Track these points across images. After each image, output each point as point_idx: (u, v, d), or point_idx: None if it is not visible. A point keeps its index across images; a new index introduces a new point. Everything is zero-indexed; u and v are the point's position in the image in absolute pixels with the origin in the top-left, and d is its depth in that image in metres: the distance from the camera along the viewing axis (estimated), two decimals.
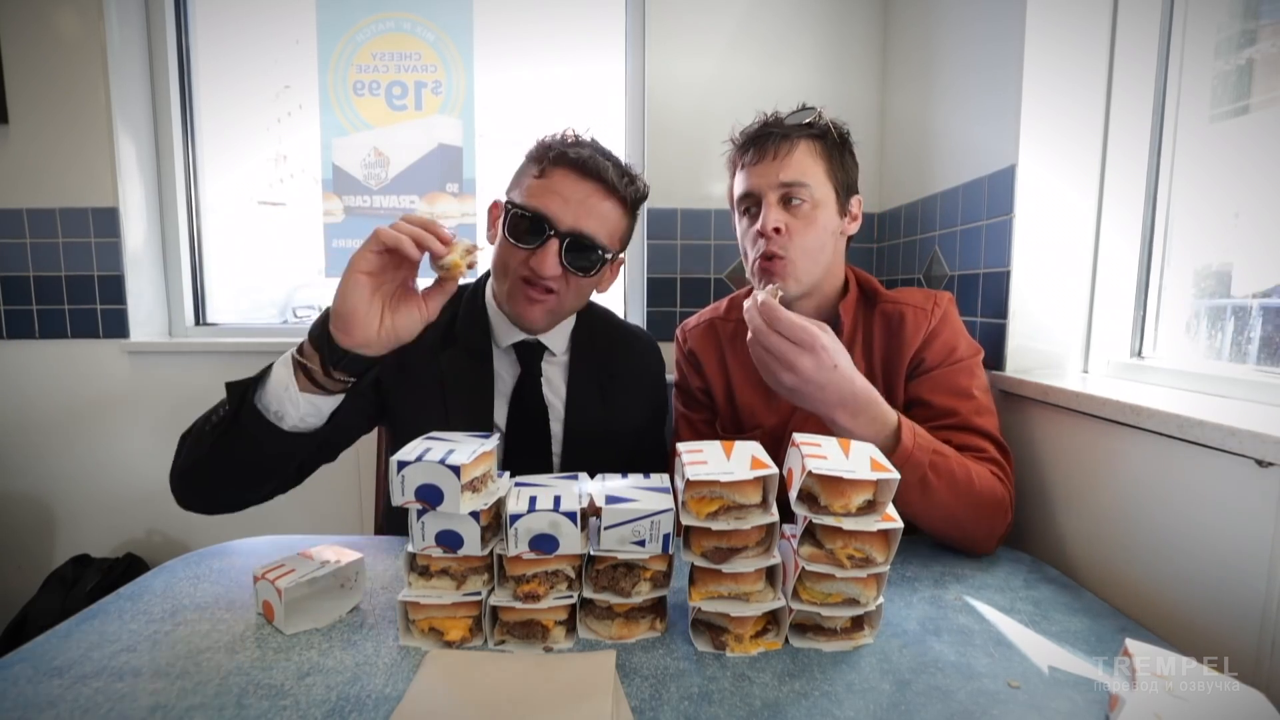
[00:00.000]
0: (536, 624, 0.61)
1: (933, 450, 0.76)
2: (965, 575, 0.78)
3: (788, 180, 0.90)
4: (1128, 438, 0.80)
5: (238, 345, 1.70)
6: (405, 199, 1.82)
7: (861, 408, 0.74)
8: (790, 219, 0.91)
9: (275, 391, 0.70)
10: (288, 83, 1.82)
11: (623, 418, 1.03)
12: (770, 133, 0.92)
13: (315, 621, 0.64)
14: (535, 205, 0.87)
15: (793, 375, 0.71)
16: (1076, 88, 1.02)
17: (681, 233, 1.68)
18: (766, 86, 1.62)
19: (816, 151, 0.92)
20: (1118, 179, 1.03)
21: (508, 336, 0.98)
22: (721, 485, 0.59)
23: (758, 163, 0.93)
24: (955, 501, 0.77)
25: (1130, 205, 1.03)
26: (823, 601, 0.61)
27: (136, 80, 1.70)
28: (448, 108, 1.80)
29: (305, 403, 0.71)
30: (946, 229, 1.29)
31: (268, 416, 0.71)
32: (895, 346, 0.95)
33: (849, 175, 0.96)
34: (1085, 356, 1.07)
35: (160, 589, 0.72)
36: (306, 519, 1.69)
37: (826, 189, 0.93)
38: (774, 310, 0.72)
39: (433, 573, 0.62)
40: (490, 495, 0.61)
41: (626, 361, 1.07)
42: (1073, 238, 1.05)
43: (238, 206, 1.86)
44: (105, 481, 1.73)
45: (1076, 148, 1.03)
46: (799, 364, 0.71)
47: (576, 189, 0.88)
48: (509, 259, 0.90)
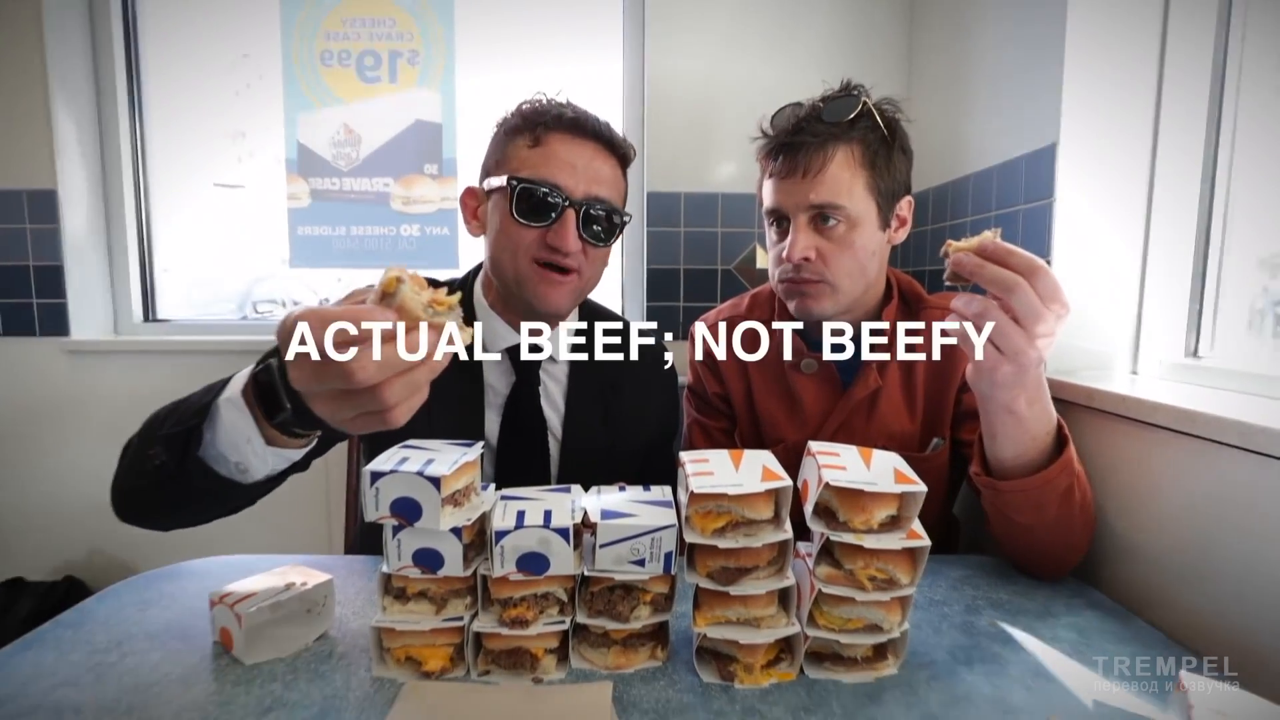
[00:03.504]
0: (525, 652, 0.61)
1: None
2: (1000, 599, 0.79)
3: (819, 202, 0.88)
4: (1182, 447, 0.80)
5: (192, 344, 1.71)
6: (378, 181, 1.83)
7: (1039, 394, 0.73)
8: (822, 242, 0.90)
9: (232, 442, 0.61)
10: (246, 51, 1.82)
11: (628, 437, 1.02)
12: (803, 142, 0.88)
13: (279, 651, 0.65)
14: (543, 176, 0.86)
15: (1027, 339, 0.65)
16: (1125, 55, 1.03)
17: (685, 219, 1.69)
18: (781, 56, 1.63)
19: (856, 160, 0.89)
20: (1172, 157, 1.03)
21: (501, 340, 0.96)
22: (729, 498, 0.59)
23: (786, 176, 0.90)
24: (1080, 515, 0.79)
25: (1186, 187, 1.03)
26: (841, 628, 0.61)
27: (76, 47, 1.71)
28: (426, 80, 1.81)
29: (275, 456, 0.63)
30: (979, 214, 1.29)
31: (224, 470, 0.63)
32: (945, 357, 0.96)
33: (896, 179, 0.92)
34: (1134, 356, 1.08)
35: (104, 616, 0.72)
36: (269, 537, 1.69)
37: (866, 204, 0.90)
38: (1019, 258, 0.64)
39: (410, 596, 0.62)
40: (474, 510, 0.62)
41: (634, 373, 1.03)
42: (1120, 223, 1.06)
43: (191, 189, 1.87)
44: (41, 497, 1.73)
45: (1125, 123, 1.04)
46: (1047, 326, 0.64)
47: (580, 153, 0.88)
48: (518, 242, 0.88)
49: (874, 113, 0.91)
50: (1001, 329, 0.65)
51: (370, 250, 1.85)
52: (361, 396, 0.50)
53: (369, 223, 1.83)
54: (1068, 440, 0.76)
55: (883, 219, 0.93)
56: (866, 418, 0.99)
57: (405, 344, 0.49)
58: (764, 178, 0.97)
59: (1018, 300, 0.64)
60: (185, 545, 1.03)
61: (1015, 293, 0.64)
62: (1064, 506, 0.77)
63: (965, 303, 0.67)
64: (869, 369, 0.97)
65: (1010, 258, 0.64)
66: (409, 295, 0.49)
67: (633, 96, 1.75)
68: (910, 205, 0.97)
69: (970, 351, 0.68)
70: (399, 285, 0.48)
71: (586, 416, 0.99)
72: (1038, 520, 0.78)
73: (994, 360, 0.67)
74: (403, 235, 1.85)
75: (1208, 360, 1.01)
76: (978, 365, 0.69)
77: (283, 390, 0.56)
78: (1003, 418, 0.73)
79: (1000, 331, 0.65)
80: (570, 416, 0.99)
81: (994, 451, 0.77)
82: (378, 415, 0.52)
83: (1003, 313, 0.65)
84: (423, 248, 1.86)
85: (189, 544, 1.01)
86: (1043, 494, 0.75)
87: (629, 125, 1.76)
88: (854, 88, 0.93)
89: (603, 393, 1.01)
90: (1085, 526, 0.82)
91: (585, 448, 0.99)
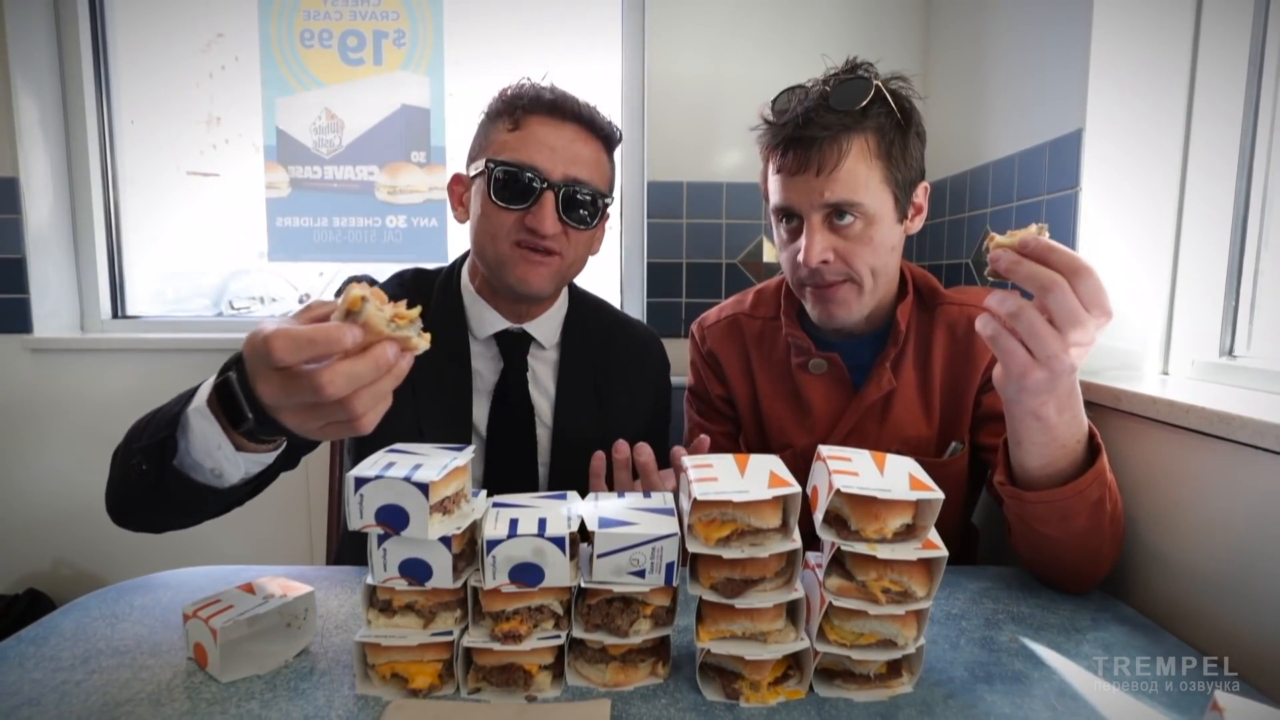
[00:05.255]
0: (518, 669, 0.62)
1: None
2: (1022, 613, 0.79)
3: (835, 201, 0.88)
4: (1217, 452, 0.81)
5: (163, 342, 1.71)
6: (362, 169, 1.83)
7: (1070, 400, 0.72)
8: (839, 241, 0.90)
9: (205, 450, 0.65)
10: (220, 30, 1.83)
11: (619, 424, 1.05)
12: (814, 135, 0.87)
13: (257, 667, 0.65)
14: (521, 159, 0.90)
15: (1062, 344, 0.63)
16: (1156, 34, 1.03)
17: (688, 210, 1.69)
18: (790, 34, 1.63)
19: (871, 151, 0.88)
20: (1206, 143, 1.03)
21: (488, 326, 1.00)
22: (734, 506, 0.60)
23: (798, 173, 0.89)
24: (1110, 526, 0.79)
25: (1221, 174, 1.03)
26: (853, 643, 0.62)
27: (38, 24, 1.71)
28: (413, 62, 1.81)
29: (247, 460, 0.67)
30: (1000, 205, 1.30)
31: (200, 476, 0.67)
32: (964, 356, 0.96)
33: (912, 166, 0.92)
34: (1165, 355, 1.08)
35: (70, 631, 0.72)
36: (246, 546, 1.69)
37: (883, 197, 0.90)
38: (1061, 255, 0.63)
39: (396, 609, 0.62)
40: (464, 518, 0.62)
41: (624, 358, 1.09)
42: (1151, 214, 1.06)
43: (163, 178, 1.87)
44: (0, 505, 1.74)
45: (1156, 107, 1.04)
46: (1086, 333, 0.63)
47: (559, 134, 0.92)
48: (498, 226, 0.92)
49: (887, 96, 0.89)
50: (1035, 331, 0.63)
51: (354, 243, 1.85)
52: (330, 408, 0.55)
53: (352, 214, 1.84)
54: (1100, 449, 0.76)
55: (900, 210, 0.93)
56: (880, 421, 0.99)
57: (372, 357, 0.54)
58: (768, 170, 0.96)
59: (1054, 301, 0.62)
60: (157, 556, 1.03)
61: (1052, 293, 0.62)
62: (1094, 518, 0.77)
63: (999, 301, 0.66)
64: (882, 369, 0.97)
65: (1051, 255, 0.63)
66: (373, 313, 0.54)
67: (632, 79, 1.75)
68: (926, 191, 0.97)
69: (1000, 356, 0.67)
70: (364, 304, 0.53)
71: (578, 403, 1.03)
72: (1065, 532, 0.78)
73: (1025, 365, 0.65)
74: (388, 227, 1.85)
75: (1244, 360, 1.01)
76: (1007, 369, 0.67)
77: (244, 401, 0.60)
78: (1030, 424, 0.72)
79: (1033, 334, 0.63)
80: (561, 403, 1.03)
81: (1019, 459, 0.77)
82: (346, 424, 0.56)
83: (1038, 314, 0.64)
84: (409, 240, 1.86)
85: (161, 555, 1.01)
86: (1071, 505, 0.75)
87: (628, 110, 1.76)
88: (861, 66, 0.91)
89: (594, 379, 1.05)
90: (1115, 538, 0.82)
91: (577, 435, 1.02)
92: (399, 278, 1.08)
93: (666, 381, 1.17)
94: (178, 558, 0.99)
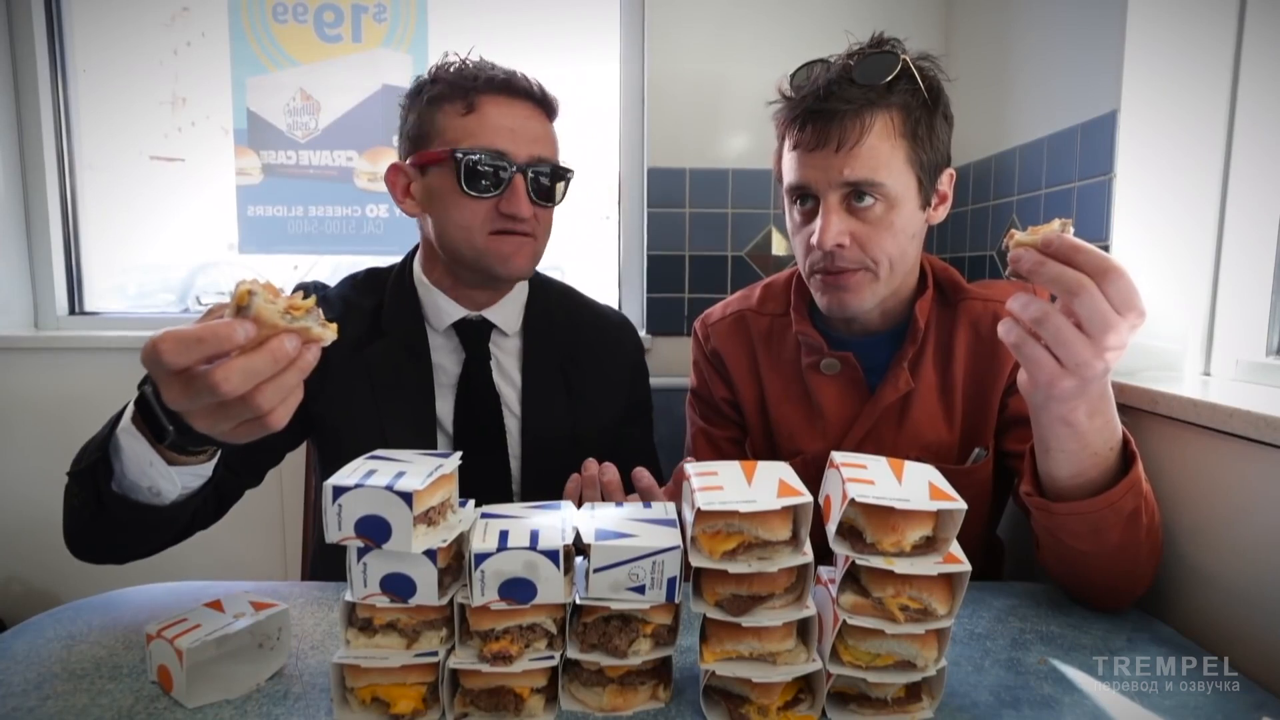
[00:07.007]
0: (508, 692, 0.62)
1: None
2: (1052, 633, 0.79)
3: (854, 179, 0.87)
4: (1263, 459, 0.81)
5: (125, 340, 1.71)
6: (340, 155, 1.83)
7: (1102, 404, 0.72)
8: (857, 225, 0.90)
9: (139, 468, 0.71)
10: (186, 4, 1.83)
11: (592, 412, 1.08)
12: (835, 109, 0.86)
13: (226, 691, 0.65)
14: (487, 144, 0.95)
15: (1093, 350, 0.63)
16: (1197, 8, 1.03)
17: (691, 199, 1.69)
18: (801, 10, 1.63)
19: (896, 129, 0.88)
20: (1252, 125, 1.03)
21: (446, 316, 1.03)
22: (741, 517, 0.60)
23: (816, 148, 0.88)
24: (1147, 540, 0.79)
25: (1268, 159, 1.03)
26: (869, 664, 0.62)
27: None
28: (394, 40, 1.81)
29: (182, 474, 0.72)
30: (1027, 193, 1.30)
31: (140, 497, 0.73)
32: (988, 356, 0.96)
33: (938, 150, 0.92)
34: (1207, 355, 1.09)
35: (22, 653, 0.72)
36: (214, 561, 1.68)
37: (906, 180, 0.90)
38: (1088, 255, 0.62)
39: (377, 628, 0.62)
40: (450, 529, 0.62)
41: (593, 343, 1.12)
42: (1191, 202, 1.06)
43: (124, 163, 1.87)
44: None
45: (1196, 87, 1.04)
46: (1118, 337, 0.63)
47: (515, 114, 0.98)
48: (471, 216, 0.96)
49: (915, 73, 0.89)
50: (1063, 338, 0.63)
51: (331, 234, 1.85)
52: (235, 406, 0.57)
53: (329, 202, 1.84)
54: (1135, 457, 0.75)
55: (923, 196, 0.93)
56: (897, 425, 1.00)
57: (268, 351, 0.56)
58: (784, 147, 0.96)
59: (1082, 306, 0.62)
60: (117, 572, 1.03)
61: (1080, 297, 0.62)
62: (1128, 532, 0.77)
63: (1022, 305, 0.66)
64: (899, 369, 0.98)
65: (1077, 255, 0.63)
66: (262, 305, 0.56)
67: (630, 58, 1.75)
68: (952, 179, 0.97)
69: (1025, 364, 0.67)
70: (251, 298, 0.55)
71: (546, 390, 1.07)
72: (1097, 547, 0.78)
73: (1053, 373, 0.65)
74: (368, 217, 1.85)
75: None
76: (1033, 377, 0.67)
77: (161, 413, 0.65)
78: (1059, 430, 0.72)
79: (1061, 341, 0.63)
80: (528, 390, 1.06)
81: (1048, 468, 0.77)
82: (256, 422, 0.59)
83: (1065, 319, 0.64)
84: (391, 231, 1.86)
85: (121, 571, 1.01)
86: (1104, 518, 0.75)
87: (627, 92, 1.76)
88: (888, 41, 0.91)
89: (561, 365, 1.08)
90: (1152, 553, 0.82)
91: (547, 424, 1.06)
92: (351, 279, 1.11)
93: (642, 368, 1.20)
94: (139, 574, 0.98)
